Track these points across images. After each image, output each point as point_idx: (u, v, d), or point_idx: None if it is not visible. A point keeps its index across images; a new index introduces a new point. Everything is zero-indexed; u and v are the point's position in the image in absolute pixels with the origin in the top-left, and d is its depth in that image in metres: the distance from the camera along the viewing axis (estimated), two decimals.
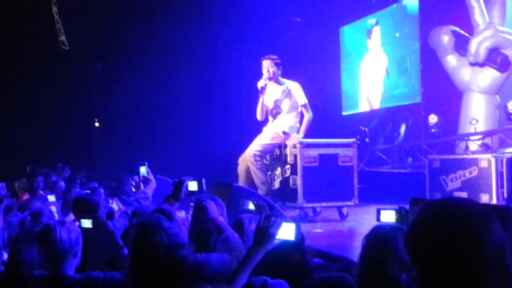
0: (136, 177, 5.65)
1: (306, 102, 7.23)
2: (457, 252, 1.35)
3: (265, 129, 7.26)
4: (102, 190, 6.70)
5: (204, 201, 3.30)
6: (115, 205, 5.01)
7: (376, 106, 12.49)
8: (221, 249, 2.97)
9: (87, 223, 3.27)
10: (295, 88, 7.25)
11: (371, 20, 12.66)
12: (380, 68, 12.43)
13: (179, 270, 2.63)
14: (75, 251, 3.01)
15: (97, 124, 14.13)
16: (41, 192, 6.59)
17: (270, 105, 7.27)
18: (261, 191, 6.68)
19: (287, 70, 7.42)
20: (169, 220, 2.71)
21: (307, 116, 7.25)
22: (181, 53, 12.78)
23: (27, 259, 3.14)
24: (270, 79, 7.14)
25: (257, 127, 7.51)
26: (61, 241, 2.95)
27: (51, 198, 6.11)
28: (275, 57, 7.28)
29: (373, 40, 12.70)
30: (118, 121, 13.11)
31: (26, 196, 6.52)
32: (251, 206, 4.09)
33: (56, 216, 5.11)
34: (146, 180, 5.40)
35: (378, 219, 3.25)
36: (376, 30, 12.58)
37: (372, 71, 12.68)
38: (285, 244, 2.66)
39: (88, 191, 5.99)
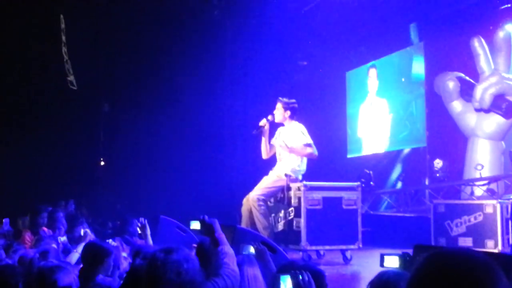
0: (141, 219, 5.65)
1: (308, 142, 7.09)
2: None
3: (271, 172, 7.26)
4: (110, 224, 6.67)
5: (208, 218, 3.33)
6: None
7: (381, 149, 12.50)
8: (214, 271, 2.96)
9: None
10: (290, 130, 7.17)
11: (370, 66, 12.85)
12: (381, 112, 12.50)
13: None
14: None
15: (102, 163, 14.17)
16: (44, 229, 6.57)
17: (276, 147, 7.30)
18: (263, 236, 6.63)
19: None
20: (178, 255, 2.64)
21: (307, 150, 7.10)
22: (188, 94, 12.89)
23: None
24: (272, 121, 7.17)
25: (262, 167, 7.51)
26: (55, 284, 2.93)
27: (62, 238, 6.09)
28: (288, 100, 7.23)
29: (371, 85, 12.85)
30: (123, 160, 13.16)
31: (28, 234, 6.50)
32: (251, 250, 4.07)
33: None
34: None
35: (381, 264, 3.23)
36: (373, 75, 12.74)
37: (372, 115, 12.75)
38: None
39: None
